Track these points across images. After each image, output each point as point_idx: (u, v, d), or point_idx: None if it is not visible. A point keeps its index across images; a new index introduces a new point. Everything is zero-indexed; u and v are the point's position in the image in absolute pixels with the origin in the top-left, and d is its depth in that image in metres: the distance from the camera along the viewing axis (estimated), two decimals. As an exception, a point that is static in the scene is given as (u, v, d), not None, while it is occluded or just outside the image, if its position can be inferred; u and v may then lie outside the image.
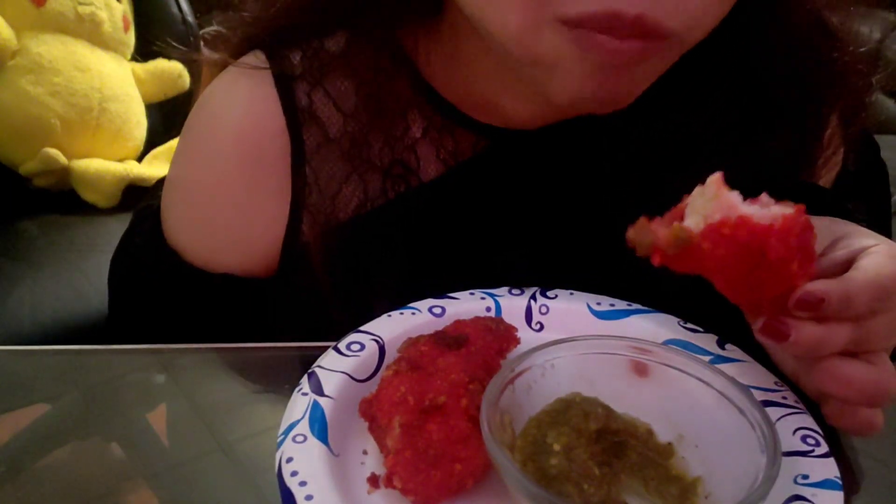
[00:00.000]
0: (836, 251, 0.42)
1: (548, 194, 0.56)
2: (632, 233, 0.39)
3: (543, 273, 0.51)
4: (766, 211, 0.36)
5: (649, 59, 0.43)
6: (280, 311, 0.55)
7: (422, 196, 0.55)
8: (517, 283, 0.50)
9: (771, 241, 0.36)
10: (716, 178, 0.37)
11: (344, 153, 0.54)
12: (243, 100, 0.55)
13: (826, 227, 0.45)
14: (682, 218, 0.38)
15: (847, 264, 0.41)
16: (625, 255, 0.54)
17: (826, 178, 0.61)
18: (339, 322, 0.47)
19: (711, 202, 0.37)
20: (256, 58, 0.56)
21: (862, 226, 0.46)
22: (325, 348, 0.44)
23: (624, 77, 0.44)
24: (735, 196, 0.37)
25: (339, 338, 0.44)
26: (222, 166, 0.55)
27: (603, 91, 0.44)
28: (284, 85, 0.54)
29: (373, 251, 0.55)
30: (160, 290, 0.59)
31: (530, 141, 0.55)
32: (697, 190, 0.38)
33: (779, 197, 0.37)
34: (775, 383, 0.42)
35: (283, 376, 0.44)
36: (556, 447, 0.36)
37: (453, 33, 0.53)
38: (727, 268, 0.37)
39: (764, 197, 0.38)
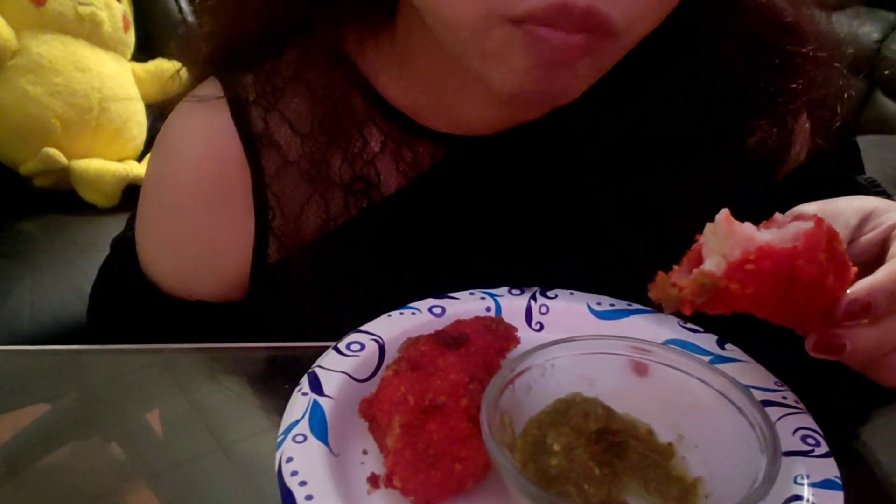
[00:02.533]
0: (868, 232, 0.42)
1: (510, 199, 0.56)
2: (653, 292, 0.37)
3: (515, 279, 0.51)
4: (785, 232, 0.35)
5: (592, 54, 0.44)
6: (255, 334, 0.55)
7: (384, 210, 0.55)
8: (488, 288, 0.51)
9: (799, 264, 0.34)
10: (724, 214, 0.36)
11: (304, 174, 0.54)
12: (199, 131, 0.56)
13: (849, 207, 0.45)
14: (700, 261, 0.37)
15: (882, 244, 0.40)
16: (596, 254, 0.55)
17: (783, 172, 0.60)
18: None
19: (727, 239, 0.35)
20: (213, 85, 0.56)
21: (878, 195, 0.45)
22: (325, 348, 0.44)
23: (567, 72, 0.44)
24: (748, 227, 0.36)
25: (338, 338, 0.44)
26: (184, 199, 0.56)
27: (545, 85, 0.45)
28: (240, 112, 0.54)
29: (339, 268, 0.55)
30: (138, 319, 0.59)
31: (487, 147, 0.55)
32: (709, 228, 0.37)
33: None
34: (775, 383, 0.42)
35: (283, 376, 0.44)
36: (556, 447, 0.36)
37: (407, 40, 0.54)
38: (762, 300, 0.36)
39: (778, 217, 0.37)
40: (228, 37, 0.56)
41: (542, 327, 0.48)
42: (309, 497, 0.34)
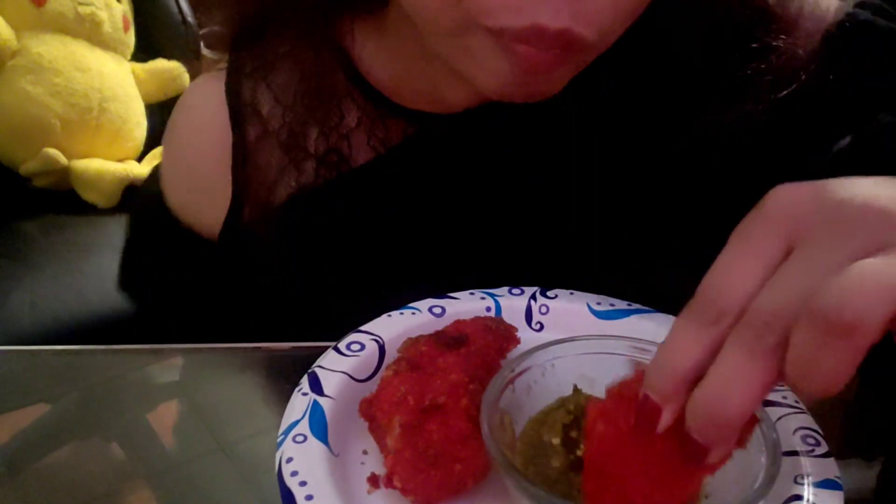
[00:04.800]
0: None
1: (480, 178, 0.57)
2: None
3: (479, 261, 0.53)
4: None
5: (567, 62, 0.46)
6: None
7: (350, 181, 0.57)
8: (459, 269, 0.53)
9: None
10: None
11: (282, 144, 0.57)
12: (200, 97, 0.62)
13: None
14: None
15: None
16: (564, 237, 0.55)
17: None
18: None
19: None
20: (226, 59, 0.61)
21: None
22: (325, 348, 0.44)
23: (543, 79, 0.46)
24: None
25: (339, 338, 0.44)
26: (181, 156, 0.63)
27: (524, 89, 0.47)
28: (233, 82, 0.59)
29: (304, 236, 0.58)
30: (173, 257, 0.64)
31: (457, 123, 0.56)
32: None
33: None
34: (775, 383, 0.42)
35: (283, 376, 0.44)
36: (556, 441, 0.36)
37: (398, 26, 0.55)
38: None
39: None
40: (234, 23, 0.60)
41: (542, 327, 0.48)
42: (309, 497, 0.34)
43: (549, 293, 0.49)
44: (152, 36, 1.58)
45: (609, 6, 0.43)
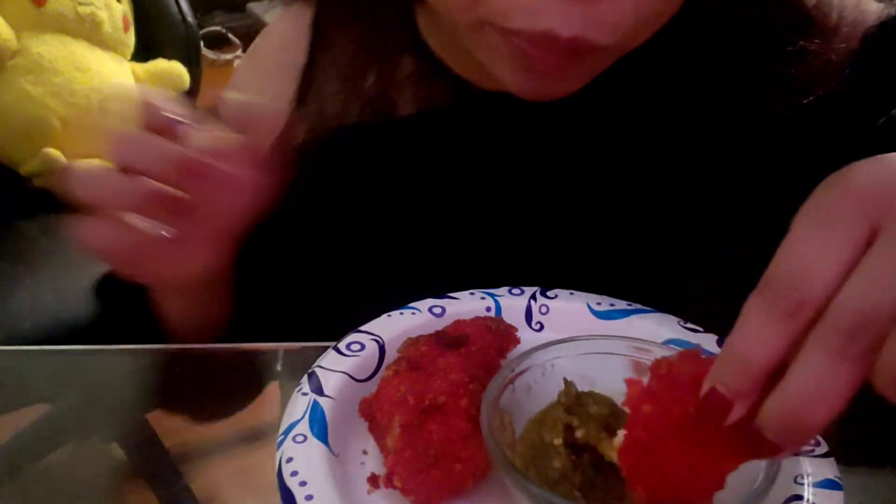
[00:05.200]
0: None
1: (485, 173, 0.58)
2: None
3: (487, 258, 0.54)
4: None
5: (582, 63, 0.45)
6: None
7: (388, 130, 0.59)
8: (460, 268, 0.54)
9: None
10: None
11: (343, 77, 0.59)
12: (283, 23, 0.67)
13: None
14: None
15: None
16: (564, 237, 0.56)
17: None
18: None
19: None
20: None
21: None
22: (325, 348, 0.44)
23: (558, 80, 0.47)
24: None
25: (339, 337, 0.44)
26: (256, 68, 0.69)
27: (537, 90, 0.47)
28: (319, 14, 0.62)
29: (341, 172, 0.60)
30: None
31: (488, 101, 0.57)
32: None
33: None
34: (775, 383, 0.42)
35: (284, 376, 0.44)
36: (557, 442, 0.35)
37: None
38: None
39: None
40: None
41: (542, 327, 0.48)
42: (309, 497, 0.34)
43: (549, 293, 0.49)
44: (152, 36, 1.58)
45: (629, 12, 0.42)
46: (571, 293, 0.50)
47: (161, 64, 1.56)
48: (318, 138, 0.60)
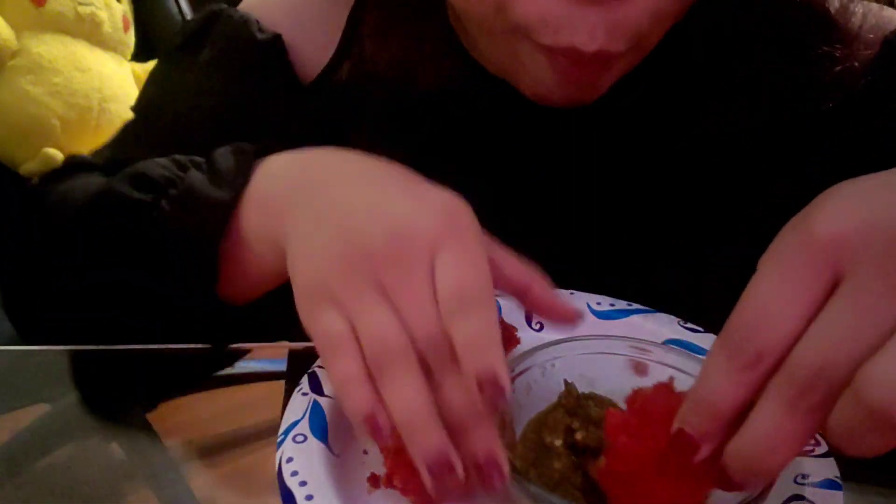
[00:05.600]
0: None
1: (486, 171, 0.57)
2: None
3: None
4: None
5: (610, 71, 0.46)
6: None
7: (406, 105, 0.58)
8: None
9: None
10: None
11: (394, 33, 0.58)
12: None
13: None
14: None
15: None
16: (565, 236, 0.55)
17: None
18: None
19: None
20: None
21: None
22: (325, 348, 0.44)
23: (587, 86, 0.47)
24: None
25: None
26: None
27: (568, 97, 0.47)
28: None
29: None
30: None
31: (497, 87, 0.55)
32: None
33: None
34: (775, 383, 0.42)
35: (284, 376, 0.44)
36: (557, 443, 0.35)
37: None
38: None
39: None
40: None
41: (542, 327, 0.48)
42: (309, 497, 0.34)
43: (549, 293, 0.49)
44: (152, 36, 1.58)
45: (647, 16, 0.42)
46: (571, 293, 0.50)
47: (161, 64, 1.56)
48: (356, 81, 0.59)
